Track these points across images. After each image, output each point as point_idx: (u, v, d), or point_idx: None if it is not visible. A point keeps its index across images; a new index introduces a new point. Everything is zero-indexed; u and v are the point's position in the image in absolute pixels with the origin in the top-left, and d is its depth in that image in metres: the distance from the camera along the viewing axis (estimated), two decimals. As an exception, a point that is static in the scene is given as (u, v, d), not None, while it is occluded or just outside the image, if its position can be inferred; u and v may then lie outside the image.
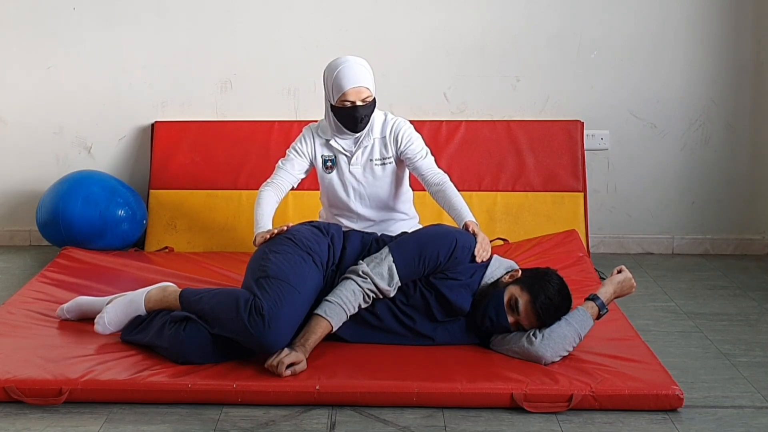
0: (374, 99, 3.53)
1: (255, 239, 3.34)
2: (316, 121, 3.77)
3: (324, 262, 3.19)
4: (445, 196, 3.53)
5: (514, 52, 4.74)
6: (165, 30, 4.73)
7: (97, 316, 3.26)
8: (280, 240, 3.22)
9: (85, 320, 3.35)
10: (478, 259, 3.20)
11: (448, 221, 3.59)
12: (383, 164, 3.65)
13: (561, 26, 4.72)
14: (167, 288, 3.23)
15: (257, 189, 4.52)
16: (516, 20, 4.72)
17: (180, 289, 3.19)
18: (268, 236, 3.27)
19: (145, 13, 4.72)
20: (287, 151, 3.70)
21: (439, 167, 3.66)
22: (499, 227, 4.58)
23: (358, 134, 3.60)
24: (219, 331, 2.97)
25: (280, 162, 3.69)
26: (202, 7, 4.72)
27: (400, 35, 4.71)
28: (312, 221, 3.42)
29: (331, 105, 3.54)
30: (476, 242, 3.25)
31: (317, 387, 2.83)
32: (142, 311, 3.20)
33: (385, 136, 3.64)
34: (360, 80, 3.47)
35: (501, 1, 4.71)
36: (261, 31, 4.74)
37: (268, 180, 3.64)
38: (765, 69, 4.73)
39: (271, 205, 3.54)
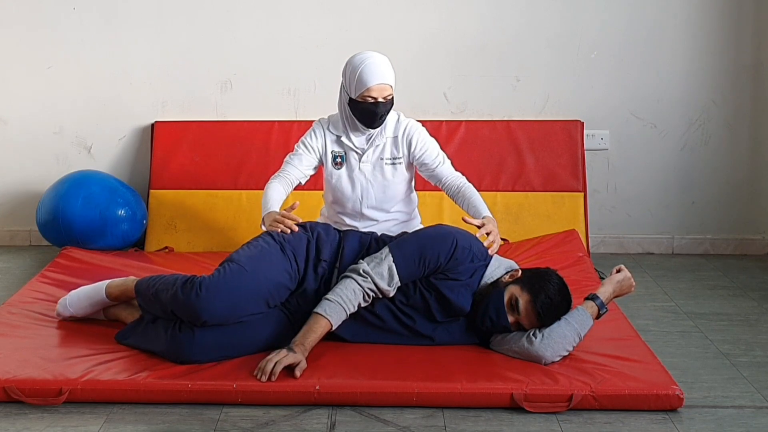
0: (393, 97, 3.53)
1: (263, 220, 3.36)
2: (312, 122, 3.76)
3: (297, 253, 3.19)
4: (465, 196, 3.55)
5: (514, 52, 4.74)
6: (165, 30, 4.73)
7: (61, 299, 3.38)
8: (261, 235, 3.27)
9: (85, 320, 3.36)
10: (487, 245, 3.25)
11: (448, 222, 3.59)
12: (393, 164, 3.65)
13: (561, 26, 4.72)
14: (128, 278, 3.34)
15: (257, 189, 4.56)
16: (516, 20, 4.72)
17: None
18: (281, 227, 3.25)
19: (145, 13, 4.72)
20: (296, 146, 3.68)
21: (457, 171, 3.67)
22: (499, 227, 4.48)
23: (371, 131, 3.59)
24: (161, 312, 3.08)
25: (288, 156, 3.67)
26: (202, 7, 4.72)
27: (400, 35, 4.72)
28: (304, 222, 3.38)
29: (350, 99, 3.52)
30: (488, 234, 3.29)
31: (317, 387, 2.83)
32: (102, 296, 3.30)
33: (397, 136, 3.64)
34: (386, 77, 3.48)
35: (501, 1, 4.71)
36: (261, 31, 4.74)
37: (276, 174, 3.62)
38: (765, 69, 4.73)
39: (279, 194, 3.52)
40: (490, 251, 3.24)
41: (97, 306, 3.34)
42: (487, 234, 3.30)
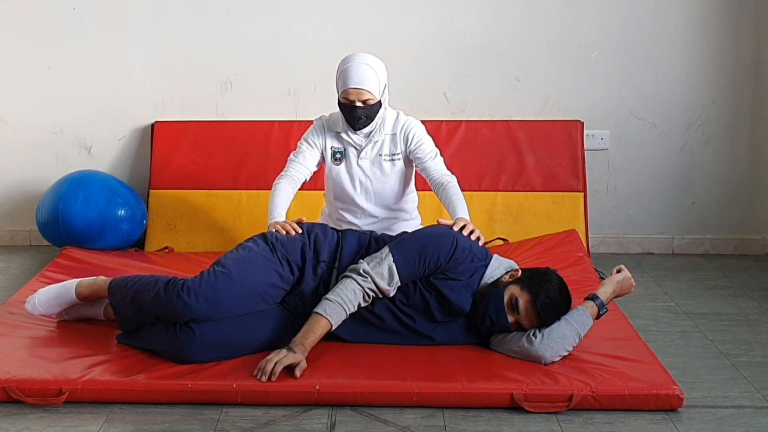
0: (378, 102, 3.55)
1: (268, 229, 3.37)
2: (312, 122, 3.78)
3: (290, 254, 3.18)
4: (447, 194, 3.54)
5: (514, 52, 4.74)
6: (165, 30, 4.73)
7: (29, 296, 3.36)
8: (253, 237, 3.27)
9: (85, 320, 3.36)
10: (465, 233, 3.21)
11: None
12: (392, 160, 3.68)
13: (561, 26, 4.72)
14: (98, 278, 3.32)
15: (257, 189, 4.57)
16: (516, 20, 4.72)
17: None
18: (284, 231, 3.27)
19: (145, 13, 4.72)
20: (299, 144, 3.73)
21: (448, 170, 3.67)
22: (499, 227, 4.58)
23: (365, 130, 3.63)
24: (132, 313, 3.09)
25: (292, 155, 3.71)
26: (202, 7, 4.72)
27: (400, 35, 4.72)
28: (302, 224, 3.39)
29: (338, 98, 3.59)
30: (466, 228, 3.24)
31: (317, 387, 2.83)
32: (72, 296, 3.28)
33: (395, 133, 3.68)
34: (361, 82, 3.50)
35: (501, 1, 4.71)
36: (261, 31, 4.74)
37: (282, 173, 3.67)
38: (765, 69, 4.73)
39: (286, 196, 3.57)
40: (474, 240, 3.22)
41: (66, 305, 3.32)
42: (462, 228, 3.24)
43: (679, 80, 4.75)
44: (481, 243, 3.25)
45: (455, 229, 3.23)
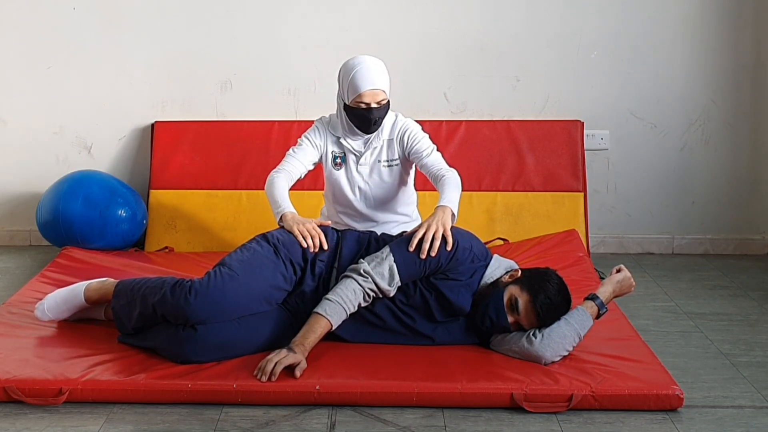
0: (388, 101, 3.53)
1: (282, 218, 3.32)
2: (312, 122, 3.77)
3: (292, 255, 3.18)
4: (442, 184, 3.45)
5: (514, 52, 4.74)
6: (165, 30, 4.73)
7: (38, 303, 3.33)
8: (255, 238, 3.26)
9: (85, 320, 3.36)
10: (411, 248, 3.11)
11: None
12: (390, 166, 3.66)
13: (561, 26, 4.72)
14: (107, 281, 3.31)
15: (257, 189, 4.56)
16: (516, 20, 4.72)
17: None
18: (313, 246, 3.21)
19: (145, 13, 4.72)
20: (299, 140, 3.68)
21: (449, 164, 3.63)
22: (499, 227, 4.58)
23: (368, 135, 3.60)
24: (137, 320, 3.07)
25: (291, 150, 3.66)
26: (202, 7, 4.72)
27: (400, 35, 4.72)
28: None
29: (345, 104, 3.53)
30: (427, 230, 3.13)
31: (317, 387, 2.83)
32: (81, 300, 3.27)
33: (393, 138, 3.64)
34: (377, 83, 3.45)
35: (501, 1, 4.71)
36: (261, 31, 4.74)
37: (278, 167, 3.59)
38: (765, 69, 4.73)
39: (286, 189, 3.49)
40: (422, 254, 3.10)
41: (75, 309, 3.31)
42: (425, 237, 3.12)
43: (679, 80, 4.75)
44: (449, 247, 3.12)
45: (412, 247, 3.12)
